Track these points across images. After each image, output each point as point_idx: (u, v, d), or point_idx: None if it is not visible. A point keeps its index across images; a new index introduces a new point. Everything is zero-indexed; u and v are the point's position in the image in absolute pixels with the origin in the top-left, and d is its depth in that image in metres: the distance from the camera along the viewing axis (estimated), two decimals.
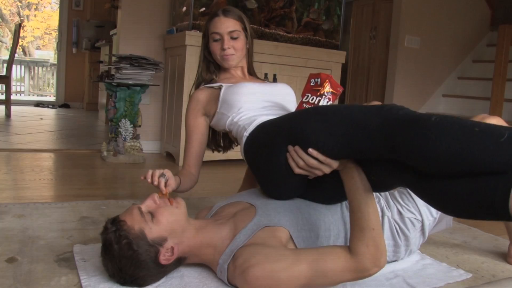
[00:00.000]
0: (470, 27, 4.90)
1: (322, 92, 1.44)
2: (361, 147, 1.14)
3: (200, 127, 1.71)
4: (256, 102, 1.60)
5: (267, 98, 1.64)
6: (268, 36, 3.52)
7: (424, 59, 4.62)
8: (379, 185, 1.25)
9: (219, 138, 1.85)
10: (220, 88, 1.68)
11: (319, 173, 1.25)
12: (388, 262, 1.52)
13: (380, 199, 1.53)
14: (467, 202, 1.01)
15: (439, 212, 1.51)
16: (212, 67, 1.79)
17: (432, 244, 1.78)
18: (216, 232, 1.31)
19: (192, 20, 3.21)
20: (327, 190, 1.37)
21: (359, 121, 1.13)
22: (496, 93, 3.95)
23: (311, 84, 1.48)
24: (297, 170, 1.26)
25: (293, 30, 3.72)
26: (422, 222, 1.49)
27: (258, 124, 1.49)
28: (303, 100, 1.47)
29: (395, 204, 1.51)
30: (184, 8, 3.43)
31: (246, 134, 1.50)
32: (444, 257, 1.67)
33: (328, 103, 1.43)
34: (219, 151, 1.87)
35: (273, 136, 1.35)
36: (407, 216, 1.49)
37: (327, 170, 1.24)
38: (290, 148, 1.26)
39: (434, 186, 1.06)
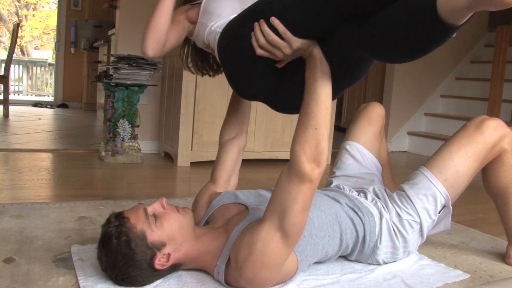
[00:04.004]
0: (468, 28, 4.90)
1: None
2: (322, 8, 1.13)
3: (178, 19, 1.58)
4: (237, 9, 1.49)
5: (250, 2, 1.50)
6: None
7: (422, 60, 4.61)
8: (343, 66, 1.22)
9: (211, 60, 1.81)
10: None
11: (280, 54, 1.23)
12: (386, 263, 1.53)
13: (377, 202, 1.54)
14: (409, 23, 0.98)
15: (437, 214, 1.51)
16: None
17: (430, 245, 1.78)
18: (213, 241, 1.32)
19: None
20: (298, 83, 1.31)
21: None
22: (494, 94, 3.96)
23: None
24: (259, 51, 1.24)
25: None
26: (421, 224, 1.49)
27: (231, 19, 1.44)
28: None
29: (393, 206, 1.51)
30: None
31: (219, 30, 1.44)
32: (442, 258, 1.67)
33: None
34: (210, 75, 1.83)
35: (240, 19, 1.34)
36: (405, 218, 1.49)
37: (287, 50, 1.22)
38: (255, 24, 1.25)
39: (381, 25, 1.04)
